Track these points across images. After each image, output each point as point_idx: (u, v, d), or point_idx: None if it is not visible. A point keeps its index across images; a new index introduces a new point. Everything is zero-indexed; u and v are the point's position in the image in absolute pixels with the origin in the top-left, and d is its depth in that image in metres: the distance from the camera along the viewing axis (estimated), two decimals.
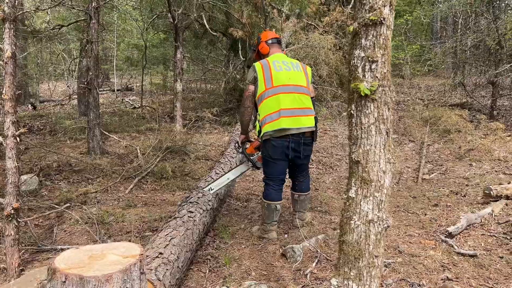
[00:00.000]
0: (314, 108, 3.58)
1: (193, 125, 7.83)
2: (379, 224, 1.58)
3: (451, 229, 3.36)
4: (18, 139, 2.82)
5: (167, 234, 2.98)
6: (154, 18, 8.66)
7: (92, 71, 6.14)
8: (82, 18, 7.15)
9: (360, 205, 1.58)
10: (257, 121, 3.64)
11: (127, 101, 13.49)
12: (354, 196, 1.60)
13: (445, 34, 17.18)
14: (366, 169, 1.56)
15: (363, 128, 1.55)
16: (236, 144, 4.03)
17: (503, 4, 8.87)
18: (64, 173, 5.70)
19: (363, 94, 1.51)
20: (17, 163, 2.85)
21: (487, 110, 8.29)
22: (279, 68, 3.50)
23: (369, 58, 1.52)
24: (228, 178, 4.04)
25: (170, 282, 2.51)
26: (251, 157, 3.84)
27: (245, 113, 3.63)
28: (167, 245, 2.80)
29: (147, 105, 10.94)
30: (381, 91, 1.53)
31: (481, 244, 3.25)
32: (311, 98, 3.58)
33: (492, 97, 7.99)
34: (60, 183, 5.38)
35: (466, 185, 4.99)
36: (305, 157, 3.60)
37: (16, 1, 2.97)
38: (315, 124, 3.52)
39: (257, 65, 3.54)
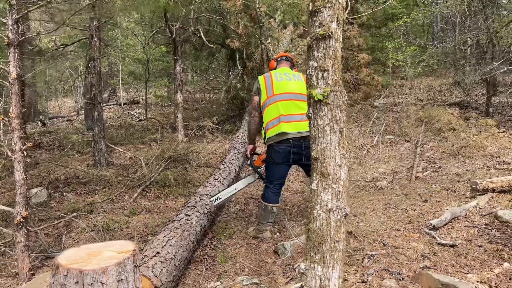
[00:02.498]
0: None
1: (195, 134, 8.09)
2: (338, 212, 1.78)
3: (434, 221, 3.53)
4: (25, 153, 3.08)
5: (165, 235, 3.20)
6: (154, 33, 8.98)
7: (95, 87, 6.44)
8: (85, 37, 7.48)
9: (321, 196, 1.79)
10: (262, 129, 3.90)
11: (133, 114, 13.84)
12: (315, 188, 1.81)
13: (445, 34, 17.30)
14: (324, 164, 1.77)
15: (319, 128, 1.77)
16: (245, 156, 4.25)
17: (494, 3, 9.00)
18: (71, 185, 5.98)
19: (316, 99, 1.73)
20: (25, 175, 3.10)
21: (484, 107, 8.42)
22: (280, 78, 3.81)
23: (321, 68, 1.74)
24: (235, 188, 4.23)
25: (166, 278, 2.73)
26: (259, 169, 4.05)
27: (251, 122, 3.90)
28: (164, 245, 3.02)
29: (152, 117, 11.24)
30: (333, 95, 1.75)
31: (463, 235, 3.41)
32: None
33: (487, 94, 8.12)
34: (68, 194, 5.65)
35: (458, 181, 5.14)
36: (309, 159, 3.77)
37: (23, 25, 3.24)
38: None
39: (260, 77, 3.89)
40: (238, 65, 8.36)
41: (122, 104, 15.99)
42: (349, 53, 11.03)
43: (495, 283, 2.56)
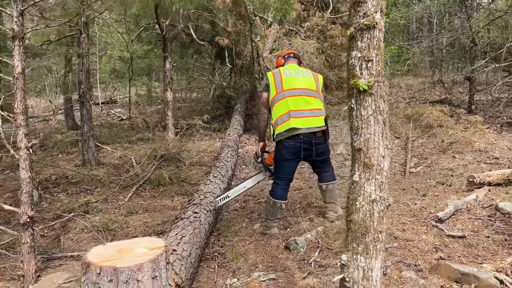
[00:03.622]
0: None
1: (184, 133, 7.99)
2: (381, 203, 1.79)
3: (440, 214, 3.60)
4: (30, 150, 2.96)
5: (177, 233, 3.14)
6: (142, 30, 8.82)
7: (84, 85, 6.27)
8: (69, 34, 7.26)
9: (364, 187, 1.79)
10: (271, 126, 3.88)
11: (113, 114, 13.55)
12: (358, 180, 1.81)
13: (421, 34, 17.74)
14: (368, 155, 1.77)
15: (363, 119, 1.77)
16: (255, 154, 4.21)
17: (475, 3, 9.30)
18: (62, 185, 5.80)
19: (361, 90, 1.73)
20: (31, 173, 2.98)
21: (466, 105, 8.67)
22: (289, 74, 3.81)
23: (365, 58, 1.73)
24: (245, 187, 4.19)
25: (185, 276, 2.67)
26: (270, 167, 4.02)
27: (261, 119, 3.93)
28: (179, 243, 2.96)
29: (137, 116, 11.04)
30: (376, 86, 1.75)
31: (469, 227, 3.50)
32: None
33: (470, 92, 8.36)
34: (59, 195, 5.48)
35: (451, 175, 5.27)
36: (319, 154, 3.79)
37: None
38: (326, 123, 3.75)
39: (269, 74, 3.89)
40: (228, 63, 8.31)
41: (100, 104, 15.64)
42: (333, 52, 11.14)
43: (511, 271, 2.63)
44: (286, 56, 4.10)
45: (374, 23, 1.70)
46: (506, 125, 7.38)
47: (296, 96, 3.68)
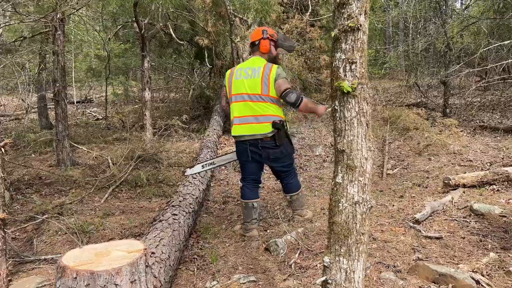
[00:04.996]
0: (275, 113, 3.59)
1: (163, 133, 7.89)
2: (364, 205, 1.79)
3: (418, 216, 3.66)
4: (3, 150, 2.85)
5: (156, 235, 3.08)
6: (119, 28, 8.65)
7: (59, 83, 6.10)
8: (42, 30, 7.06)
9: (347, 189, 1.79)
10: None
11: (89, 113, 13.26)
12: (340, 181, 1.81)
13: (397, 38, 18.10)
14: (351, 157, 1.77)
15: (346, 121, 1.77)
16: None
17: (449, 10, 9.53)
18: (35, 186, 5.62)
19: (345, 91, 1.73)
20: (3, 174, 2.86)
21: (441, 108, 8.87)
22: (238, 76, 3.64)
23: (349, 60, 1.73)
24: (214, 163, 4.26)
25: (164, 279, 2.62)
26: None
27: (225, 110, 3.96)
28: (157, 245, 2.91)
29: (114, 115, 10.83)
30: (360, 88, 1.75)
31: (445, 228, 3.56)
32: (284, 91, 3.51)
33: (444, 96, 8.56)
34: (32, 196, 5.30)
35: (427, 177, 5.38)
36: (274, 160, 3.70)
37: None
38: (277, 128, 3.55)
39: (228, 72, 3.83)
40: (207, 63, 8.25)
41: (75, 102, 15.28)
42: (311, 54, 11.21)
43: (486, 272, 2.69)
44: (250, 47, 3.82)
45: (359, 25, 1.71)
46: (479, 128, 7.58)
47: (241, 102, 3.61)
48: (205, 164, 4.24)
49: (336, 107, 1.79)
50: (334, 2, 1.76)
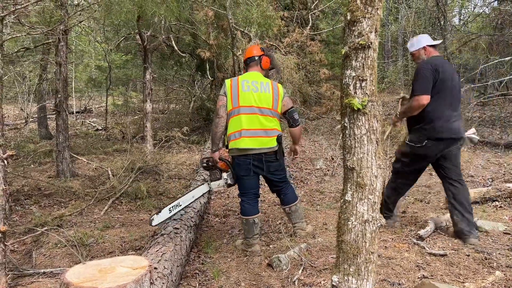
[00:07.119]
0: (280, 128, 3.73)
1: (163, 145, 7.87)
2: (374, 223, 1.77)
3: (421, 232, 3.63)
4: (5, 162, 2.82)
5: (158, 250, 3.04)
6: (122, 40, 8.70)
7: (61, 94, 6.10)
8: (44, 41, 7.08)
9: (356, 207, 1.77)
10: (226, 136, 3.73)
11: (89, 123, 13.26)
12: (350, 199, 1.79)
13: (396, 53, 18.24)
14: (361, 175, 1.76)
15: (356, 138, 1.76)
16: (205, 162, 3.84)
17: (448, 26, 9.62)
18: (34, 197, 5.58)
19: (355, 109, 1.72)
20: (5, 186, 2.84)
21: None
22: (247, 89, 3.60)
23: (359, 77, 1.73)
24: (193, 196, 3.94)
25: None
26: (226, 173, 3.81)
27: (219, 123, 3.60)
28: (160, 260, 2.87)
29: (114, 126, 10.82)
30: (370, 105, 1.75)
31: (449, 245, 3.54)
32: (291, 108, 3.73)
33: None
34: (31, 207, 5.26)
35: (428, 192, 5.36)
36: (273, 173, 3.72)
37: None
38: (279, 142, 3.63)
39: (227, 81, 3.67)
40: (209, 76, 8.28)
41: (75, 113, 15.30)
42: (312, 67, 11.28)
43: None
44: (247, 61, 3.78)
45: (369, 43, 1.71)
46: (479, 144, 7.58)
47: (251, 114, 3.56)
48: (172, 207, 3.75)
49: (346, 124, 1.79)
50: (344, 20, 1.77)
